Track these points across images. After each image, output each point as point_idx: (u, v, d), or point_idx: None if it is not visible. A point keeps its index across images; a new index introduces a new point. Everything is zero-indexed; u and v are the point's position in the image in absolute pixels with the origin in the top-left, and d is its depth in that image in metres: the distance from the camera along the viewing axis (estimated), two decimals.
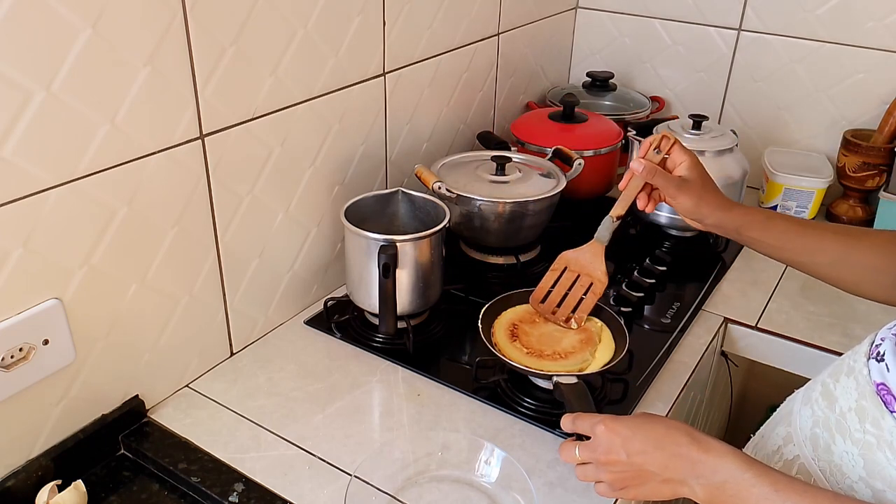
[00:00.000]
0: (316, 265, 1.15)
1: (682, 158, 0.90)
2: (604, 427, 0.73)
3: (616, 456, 0.72)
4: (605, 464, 0.73)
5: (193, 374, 0.99)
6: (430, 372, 1.02)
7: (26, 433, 0.81)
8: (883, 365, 0.68)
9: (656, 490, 0.72)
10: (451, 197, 1.13)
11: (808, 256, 0.88)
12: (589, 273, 1.00)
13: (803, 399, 0.81)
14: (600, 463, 0.74)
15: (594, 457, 0.74)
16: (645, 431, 0.72)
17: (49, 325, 0.78)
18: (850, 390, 0.71)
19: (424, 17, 1.21)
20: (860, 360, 0.72)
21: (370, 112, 1.16)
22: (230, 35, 0.89)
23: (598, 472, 0.75)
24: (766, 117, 1.56)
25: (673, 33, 1.61)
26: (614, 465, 0.73)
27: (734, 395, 1.42)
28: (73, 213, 0.78)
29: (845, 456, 0.70)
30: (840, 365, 0.76)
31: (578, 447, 0.76)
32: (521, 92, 1.61)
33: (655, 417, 0.74)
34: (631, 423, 0.73)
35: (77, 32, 0.73)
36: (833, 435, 0.72)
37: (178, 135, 0.86)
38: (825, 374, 0.78)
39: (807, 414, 0.78)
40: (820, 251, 0.87)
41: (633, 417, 0.75)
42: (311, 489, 0.83)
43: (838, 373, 0.75)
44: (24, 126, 0.71)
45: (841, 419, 0.71)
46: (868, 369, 0.70)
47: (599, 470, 0.74)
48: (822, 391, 0.76)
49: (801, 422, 0.79)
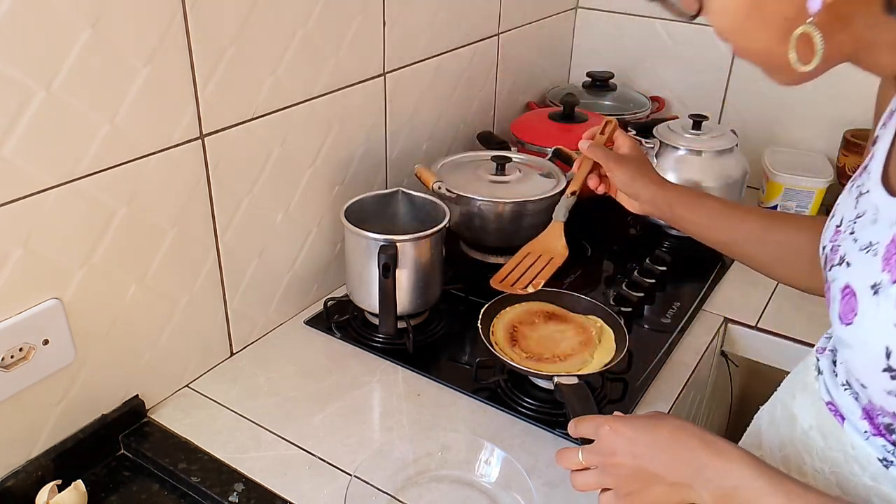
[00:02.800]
0: (316, 265, 1.15)
1: (625, 141, 0.98)
2: (608, 428, 0.69)
3: (621, 458, 0.67)
4: (610, 466, 0.69)
5: (193, 374, 0.99)
6: (430, 372, 1.02)
7: (26, 433, 0.81)
8: (825, 384, 0.68)
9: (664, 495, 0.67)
10: (451, 197, 1.13)
11: (730, 235, 0.90)
12: (549, 250, 1.02)
13: (769, 420, 0.80)
14: (605, 466, 0.69)
15: (598, 459, 0.70)
16: (651, 432, 0.67)
17: (49, 325, 0.78)
18: (807, 407, 0.71)
19: (424, 17, 1.21)
20: (811, 375, 0.71)
21: (370, 112, 1.16)
22: (230, 35, 0.89)
23: (602, 476, 0.70)
24: (766, 117, 1.56)
25: (673, 33, 1.61)
26: (619, 468, 0.68)
27: (734, 395, 1.42)
28: (73, 213, 0.78)
29: (817, 475, 0.68)
30: (794, 382, 0.76)
31: (581, 450, 0.71)
32: (521, 92, 1.61)
33: (663, 417, 0.69)
34: (637, 424, 0.69)
35: (77, 32, 0.73)
36: (801, 455, 0.71)
37: (178, 135, 0.86)
38: (783, 391, 0.78)
39: (773, 434, 0.77)
40: (741, 230, 0.88)
41: (640, 418, 0.70)
42: (310, 489, 0.83)
43: (794, 389, 0.75)
44: (24, 126, 0.71)
45: (805, 438, 0.70)
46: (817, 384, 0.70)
47: (603, 474, 0.69)
48: (782, 411, 0.76)
49: (770, 444, 0.77)
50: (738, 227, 0.89)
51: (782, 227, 0.86)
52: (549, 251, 1.02)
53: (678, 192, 0.93)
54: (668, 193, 0.93)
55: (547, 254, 1.02)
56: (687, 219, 0.92)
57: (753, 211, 0.92)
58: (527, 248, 1.03)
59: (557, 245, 1.02)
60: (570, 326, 1.02)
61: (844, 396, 0.66)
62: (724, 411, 1.46)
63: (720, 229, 0.90)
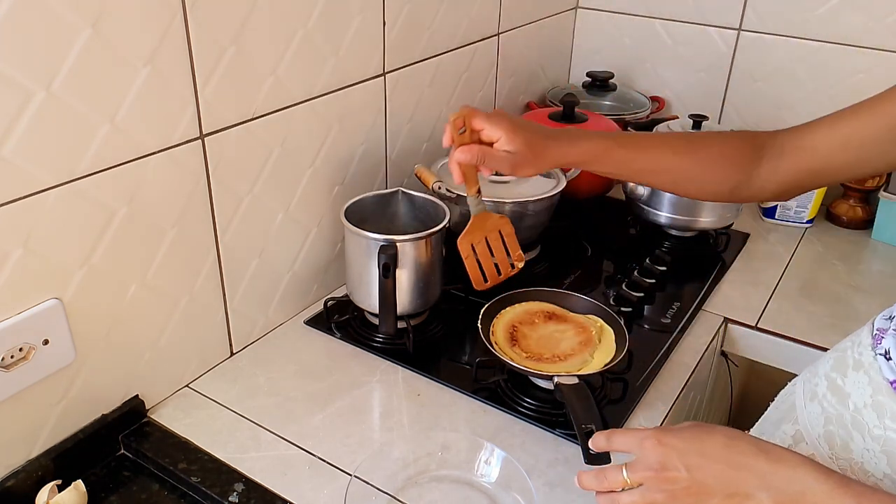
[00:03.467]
0: (316, 265, 1.15)
1: (495, 133, 0.85)
2: (655, 441, 0.65)
3: (675, 472, 0.63)
4: (661, 481, 0.64)
5: (193, 374, 0.99)
6: (430, 372, 1.02)
7: (26, 433, 0.81)
8: (891, 362, 0.68)
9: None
10: (451, 197, 1.13)
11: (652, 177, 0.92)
12: (489, 228, 0.99)
13: (809, 395, 0.79)
14: (654, 480, 0.65)
15: (646, 475, 0.65)
16: (702, 443, 0.64)
17: (49, 325, 0.78)
18: (863, 385, 0.70)
19: (424, 17, 1.21)
20: (866, 354, 0.71)
21: (370, 112, 1.16)
22: (230, 35, 0.89)
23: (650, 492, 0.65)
24: (766, 117, 1.56)
25: (673, 33, 1.61)
26: (672, 483, 0.63)
27: (734, 395, 1.42)
28: (73, 212, 0.78)
29: (866, 454, 0.69)
30: (844, 359, 0.75)
31: (626, 467, 0.66)
32: (521, 92, 1.61)
33: (712, 427, 0.66)
34: (685, 435, 0.65)
35: (77, 32, 0.73)
36: (850, 432, 0.71)
37: (178, 135, 0.86)
38: (827, 368, 0.77)
39: (815, 411, 0.76)
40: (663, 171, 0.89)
41: (685, 429, 0.66)
42: (310, 489, 0.83)
43: (844, 367, 0.74)
44: (24, 126, 0.71)
45: (857, 415, 0.70)
46: (878, 364, 0.69)
47: (651, 490, 0.65)
48: (830, 386, 0.75)
49: (810, 419, 0.77)
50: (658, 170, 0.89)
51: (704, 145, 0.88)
52: (489, 229, 0.99)
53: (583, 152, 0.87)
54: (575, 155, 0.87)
55: (491, 231, 0.99)
56: (604, 172, 0.90)
57: (668, 143, 0.91)
58: (466, 243, 0.98)
59: (494, 221, 0.99)
60: (570, 326, 1.02)
61: None
62: (724, 411, 1.46)
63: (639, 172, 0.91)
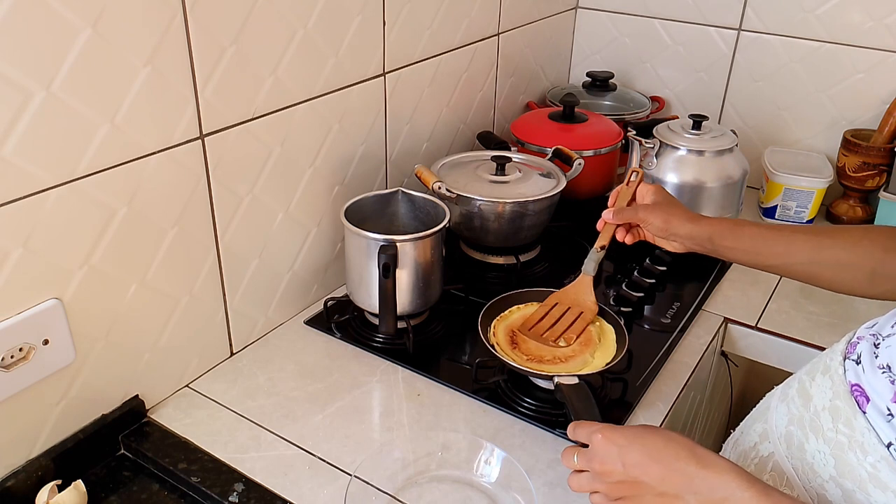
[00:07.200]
0: (316, 265, 1.15)
1: (647, 189, 0.99)
2: (601, 436, 0.71)
3: (612, 466, 0.69)
4: (601, 473, 0.71)
5: (193, 374, 0.99)
6: (430, 372, 1.02)
7: (26, 433, 0.81)
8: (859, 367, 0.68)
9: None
10: (451, 197, 1.13)
11: (781, 259, 0.89)
12: (579, 304, 1.02)
13: (781, 396, 0.81)
14: (596, 472, 0.71)
15: (590, 466, 0.72)
16: (643, 442, 0.69)
17: (49, 325, 0.78)
18: (826, 389, 0.71)
19: (424, 17, 1.21)
20: (836, 359, 0.72)
21: (370, 112, 1.16)
22: (230, 35, 0.89)
23: (593, 482, 0.72)
24: (766, 117, 1.56)
25: (673, 33, 1.61)
26: (609, 476, 0.70)
27: (734, 395, 1.42)
28: (73, 213, 0.78)
29: (817, 455, 0.70)
30: (817, 363, 0.76)
31: (577, 454, 0.74)
32: (521, 92, 1.61)
33: (655, 429, 0.71)
34: (629, 434, 0.71)
35: (77, 32, 0.73)
36: (806, 433, 0.72)
37: (178, 135, 0.86)
38: (802, 372, 0.78)
39: (783, 411, 0.78)
40: (791, 254, 0.88)
41: (633, 428, 0.72)
42: (311, 489, 0.83)
43: (815, 371, 0.75)
44: (24, 126, 0.71)
45: (815, 418, 0.71)
46: (844, 369, 0.70)
47: (594, 480, 0.72)
48: (799, 388, 0.76)
49: (776, 419, 0.78)
50: (787, 251, 0.88)
51: (834, 245, 0.86)
52: (578, 304, 1.02)
53: (714, 224, 0.93)
54: (705, 227, 0.92)
55: (576, 307, 1.02)
56: (731, 248, 0.92)
57: (799, 230, 0.92)
58: (555, 298, 1.03)
59: (587, 300, 1.02)
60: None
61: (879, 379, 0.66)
62: (724, 411, 1.46)
63: (767, 255, 0.90)
